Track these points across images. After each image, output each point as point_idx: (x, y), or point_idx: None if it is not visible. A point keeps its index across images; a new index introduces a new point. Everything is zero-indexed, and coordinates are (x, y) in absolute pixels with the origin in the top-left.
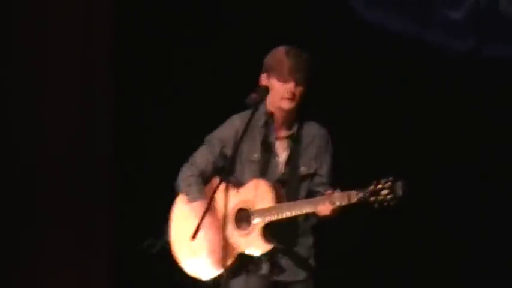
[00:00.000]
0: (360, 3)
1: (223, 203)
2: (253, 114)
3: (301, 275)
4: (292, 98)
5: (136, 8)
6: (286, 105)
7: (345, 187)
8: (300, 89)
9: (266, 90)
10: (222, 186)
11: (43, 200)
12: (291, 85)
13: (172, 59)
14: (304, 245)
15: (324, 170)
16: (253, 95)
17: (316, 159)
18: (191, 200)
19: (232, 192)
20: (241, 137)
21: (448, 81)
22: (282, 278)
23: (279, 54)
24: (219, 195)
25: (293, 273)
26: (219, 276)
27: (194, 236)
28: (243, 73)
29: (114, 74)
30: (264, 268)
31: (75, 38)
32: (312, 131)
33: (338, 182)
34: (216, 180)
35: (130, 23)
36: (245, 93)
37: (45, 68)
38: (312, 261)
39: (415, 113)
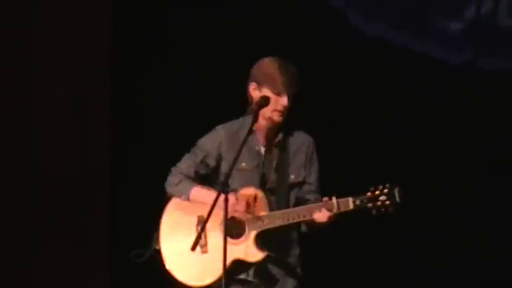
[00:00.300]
0: (359, 17)
1: (216, 211)
2: (252, 125)
3: (290, 284)
4: (284, 111)
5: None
6: (278, 117)
7: (341, 194)
8: (290, 102)
9: (267, 100)
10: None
11: (40, 209)
12: (284, 99)
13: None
14: (293, 254)
15: (313, 178)
16: (254, 106)
17: (305, 167)
18: (186, 197)
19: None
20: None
21: (445, 91)
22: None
23: (271, 68)
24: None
25: (281, 283)
26: (212, 284)
27: (194, 247)
28: (238, 71)
29: (112, 77)
30: (250, 274)
31: (69, 40)
32: (299, 138)
33: (333, 189)
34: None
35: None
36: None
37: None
38: (299, 271)
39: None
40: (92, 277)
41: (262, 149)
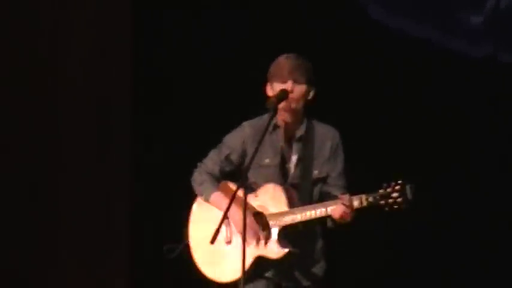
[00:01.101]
0: (381, 11)
1: (239, 208)
2: (271, 117)
3: (310, 280)
4: (293, 97)
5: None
6: (293, 105)
7: (354, 191)
8: (300, 88)
9: (285, 94)
10: (238, 192)
11: (63, 202)
12: (289, 84)
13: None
14: (315, 249)
15: (337, 172)
16: (273, 98)
17: (329, 162)
18: (206, 198)
19: (247, 197)
20: (260, 142)
21: (465, 84)
22: (291, 284)
23: (279, 61)
24: (236, 201)
25: (303, 278)
26: (236, 280)
27: (213, 240)
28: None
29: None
30: (272, 271)
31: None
32: (323, 133)
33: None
34: (226, 184)
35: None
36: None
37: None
38: (321, 266)
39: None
40: (112, 268)
41: (285, 145)
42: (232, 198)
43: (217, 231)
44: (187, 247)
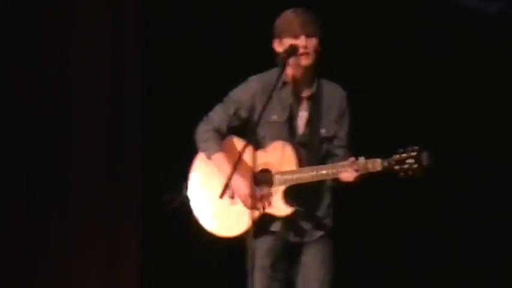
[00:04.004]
0: None
1: (246, 164)
2: (281, 72)
3: (317, 234)
4: (306, 52)
5: None
6: (303, 61)
7: (368, 155)
8: (312, 41)
9: (295, 49)
10: (245, 147)
11: (74, 173)
12: (302, 39)
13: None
14: (322, 205)
15: (343, 133)
16: (283, 54)
17: (337, 122)
18: (209, 156)
19: (255, 153)
20: (269, 98)
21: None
22: (297, 239)
23: (287, 15)
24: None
25: (309, 233)
26: (241, 235)
27: (222, 195)
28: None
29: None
30: (278, 226)
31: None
32: (333, 92)
33: (362, 150)
34: (231, 139)
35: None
36: None
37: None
38: (328, 221)
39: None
40: (125, 238)
41: (294, 102)
42: (240, 154)
43: (226, 186)
44: (187, 199)
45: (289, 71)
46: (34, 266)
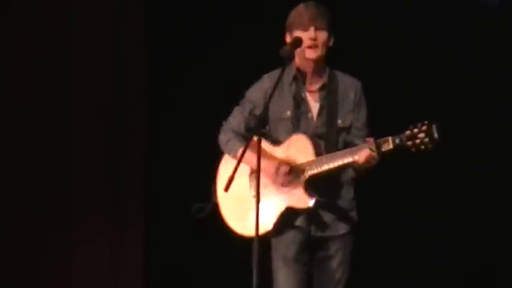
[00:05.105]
0: None
1: (266, 160)
2: (283, 69)
3: (341, 229)
4: (315, 45)
5: None
6: (311, 54)
7: (378, 136)
8: (322, 34)
9: (299, 41)
10: (264, 144)
11: (78, 172)
12: (311, 31)
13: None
14: (345, 198)
15: (361, 123)
16: (286, 46)
17: (353, 112)
18: (234, 155)
19: (273, 149)
20: (271, 96)
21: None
22: (320, 234)
23: (299, 9)
24: (262, 154)
25: (332, 228)
26: (266, 233)
27: (226, 188)
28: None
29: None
30: (301, 220)
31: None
32: (346, 82)
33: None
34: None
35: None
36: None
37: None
38: (353, 214)
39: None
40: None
41: (307, 94)
42: (259, 150)
43: (232, 178)
44: (215, 205)
45: (299, 64)
46: (35, 264)
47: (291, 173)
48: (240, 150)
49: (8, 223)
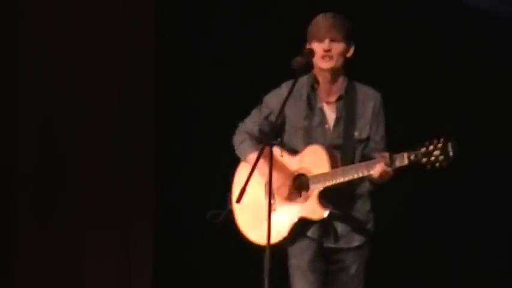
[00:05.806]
0: None
1: (281, 170)
2: (296, 80)
3: (355, 241)
4: (329, 56)
5: None
6: (324, 64)
7: (395, 150)
8: (338, 45)
9: (311, 52)
10: (279, 153)
11: (85, 182)
12: (326, 42)
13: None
14: (362, 210)
15: (379, 136)
16: (298, 58)
17: (371, 124)
18: (244, 158)
19: (289, 159)
20: (283, 105)
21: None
22: (332, 245)
23: (317, 20)
24: (277, 163)
25: (346, 240)
26: (280, 242)
27: (239, 200)
28: None
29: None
30: (315, 231)
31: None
32: (365, 94)
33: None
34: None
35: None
36: None
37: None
38: (370, 227)
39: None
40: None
41: (324, 105)
42: (271, 159)
43: (244, 189)
44: (231, 212)
45: (317, 75)
46: (47, 265)
47: (299, 186)
48: (251, 156)
49: (17, 241)
